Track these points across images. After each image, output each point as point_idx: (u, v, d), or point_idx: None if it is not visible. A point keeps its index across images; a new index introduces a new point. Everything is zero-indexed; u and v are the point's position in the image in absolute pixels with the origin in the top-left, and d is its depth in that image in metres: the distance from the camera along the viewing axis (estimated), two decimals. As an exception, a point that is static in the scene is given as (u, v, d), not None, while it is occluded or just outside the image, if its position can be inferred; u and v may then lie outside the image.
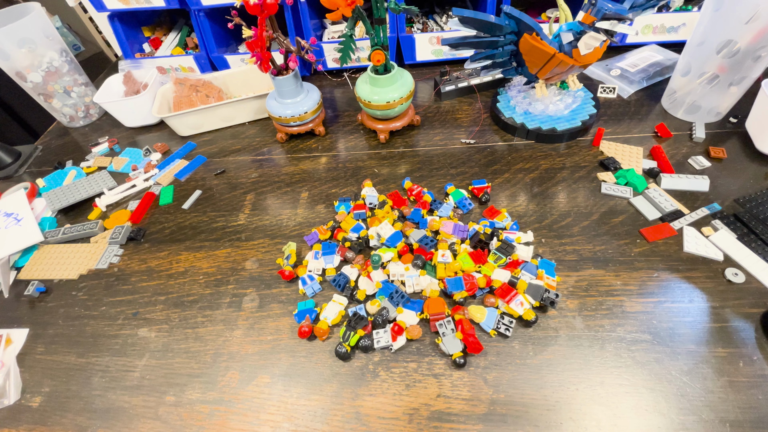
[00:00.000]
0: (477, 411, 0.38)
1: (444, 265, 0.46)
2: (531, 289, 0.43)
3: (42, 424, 0.42)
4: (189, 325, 0.47)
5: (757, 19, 0.47)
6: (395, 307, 0.44)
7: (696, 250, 0.46)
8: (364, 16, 0.52)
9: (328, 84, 0.83)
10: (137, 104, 0.74)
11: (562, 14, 0.54)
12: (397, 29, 0.78)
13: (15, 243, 0.58)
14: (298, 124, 0.65)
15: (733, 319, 0.41)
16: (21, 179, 0.73)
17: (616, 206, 0.52)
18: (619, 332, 0.41)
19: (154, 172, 0.68)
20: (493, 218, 0.52)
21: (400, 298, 0.45)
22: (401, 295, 0.45)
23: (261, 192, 0.62)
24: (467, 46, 0.57)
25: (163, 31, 0.95)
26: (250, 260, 0.53)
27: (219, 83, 0.77)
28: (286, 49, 0.59)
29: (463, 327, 0.41)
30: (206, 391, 0.42)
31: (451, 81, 0.72)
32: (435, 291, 0.44)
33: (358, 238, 0.51)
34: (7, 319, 0.51)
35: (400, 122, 0.64)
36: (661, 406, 0.36)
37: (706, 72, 0.55)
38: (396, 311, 0.44)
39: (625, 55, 0.74)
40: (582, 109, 0.62)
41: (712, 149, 0.56)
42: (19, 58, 0.70)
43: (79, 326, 0.49)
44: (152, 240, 0.58)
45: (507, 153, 0.61)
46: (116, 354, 0.46)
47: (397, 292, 0.45)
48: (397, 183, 0.59)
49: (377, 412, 0.39)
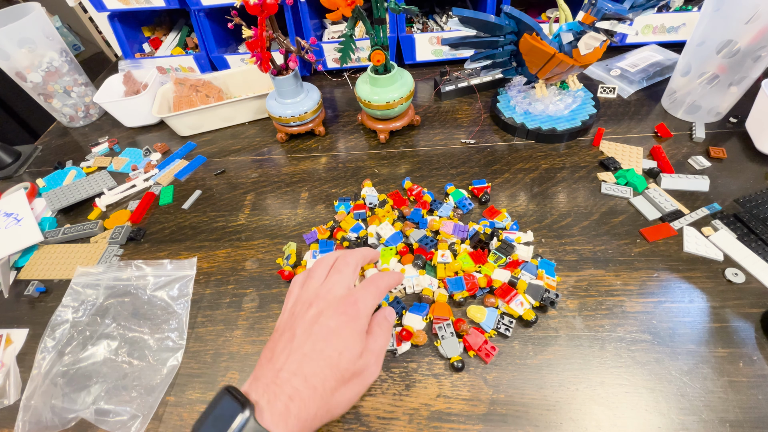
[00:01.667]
0: (477, 411, 0.38)
1: (444, 265, 0.46)
2: (531, 289, 0.43)
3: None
4: (189, 324, 0.47)
5: (757, 19, 0.47)
6: (397, 313, 0.44)
7: (696, 250, 0.46)
8: (364, 16, 0.52)
9: (328, 84, 0.83)
10: (137, 104, 0.74)
11: (562, 14, 0.54)
12: (397, 29, 0.78)
13: (15, 243, 0.58)
14: (298, 124, 0.66)
15: (733, 319, 0.41)
16: (21, 179, 0.73)
17: (616, 206, 0.52)
18: (619, 332, 0.41)
19: (154, 172, 0.68)
20: (493, 218, 0.52)
21: (401, 309, 0.44)
22: (402, 307, 0.45)
23: (261, 192, 0.62)
24: (467, 46, 0.57)
25: (163, 31, 0.95)
26: (250, 260, 0.53)
27: (219, 83, 0.77)
28: (286, 49, 0.59)
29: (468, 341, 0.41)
30: (206, 391, 0.42)
31: (451, 81, 0.72)
32: (443, 296, 0.44)
33: (357, 238, 0.51)
34: (7, 319, 0.51)
35: (400, 122, 0.64)
36: (661, 406, 0.36)
37: (706, 72, 0.55)
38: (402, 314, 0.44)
39: (625, 55, 0.74)
40: (582, 109, 0.62)
41: (712, 149, 0.56)
42: (19, 58, 0.70)
43: (79, 326, 0.49)
44: (152, 240, 0.58)
45: (507, 153, 0.61)
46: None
47: (399, 302, 0.45)
48: (397, 183, 0.59)
49: (377, 412, 0.39)
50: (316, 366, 0.29)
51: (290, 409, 0.27)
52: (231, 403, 0.27)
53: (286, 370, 0.29)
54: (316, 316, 0.32)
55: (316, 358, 0.30)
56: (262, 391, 0.28)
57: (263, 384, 0.29)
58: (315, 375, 0.29)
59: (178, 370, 0.44)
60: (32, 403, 0.42)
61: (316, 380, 0.29)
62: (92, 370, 0.44)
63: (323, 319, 0.31)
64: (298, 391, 0.28)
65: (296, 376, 0.29)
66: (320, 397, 0.29)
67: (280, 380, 0.29)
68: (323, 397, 0.29)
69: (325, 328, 0.31)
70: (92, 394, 0.42)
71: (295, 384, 0.28)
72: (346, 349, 0.30)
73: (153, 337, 0.46)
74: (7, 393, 0.44)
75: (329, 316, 0.32)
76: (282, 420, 0.27)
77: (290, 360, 0.30)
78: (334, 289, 0.34)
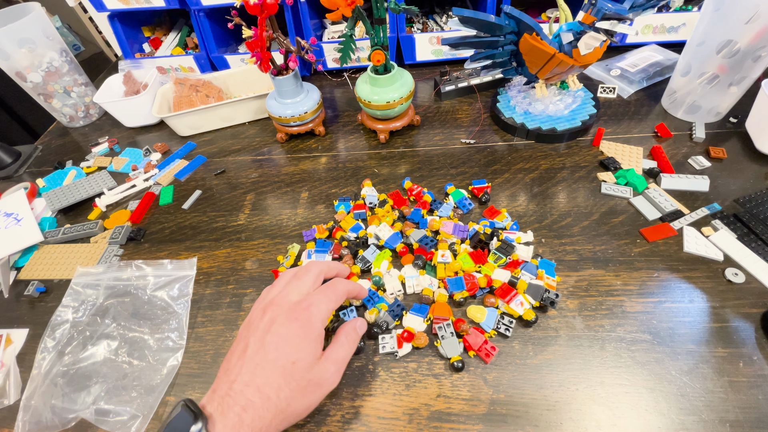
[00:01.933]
0: (477, 411, 0.38)
1: (444, 265, 0.46)
2: (531, 289, 0.43)
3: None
4: (189, 325, 0.47)
5: (757, 19, 0.47)
6: (394, 319, 0.44)
7: (696, 250, 0.46)
8: (364, 16, 0.52)
9: (328, 84, 0.83)
10: (137, 104, 0.74)
11: (562, 14, 0.54)
12: (397, 29, 0.78)
13: (15, 243, 0.58)
14: (298, 124, 0.66)
15: (733, 319, 0.41)
16: (21, 179, 0.73)
17: (616, 206, 0.52)
18: (619, 332, 0.41)
19: (154, 172, 0.68)
20: (493, 218, 0.52)
21: (400, 310, 0.44)
22: (402, 308, 0.44)
23: (261, 192, 0.62)
24: (467, 46, 0.57)
25: (163, 31, 0.95)
26: (250, 260, 0.53)
27: (219, 83, 0.77)
28: (286, 49, 0.59)
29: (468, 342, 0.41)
30: (206, 392, 0.42)
31: (451, 81, 0.72)
32: (443, 296, 0.44)
33: (357, 237, 0.51)
34: (7, 319, 0.51)
35: (400, 122, 0.64)
36: (661, 406, 0.36)
37: (706, 72, 0.55)
38: (403, 314, 0.44)
39: (625, 55, 0.74)
40: (582, 109, 0.62)
41: (712, 149, 0.56)
42: (19, 58, 0.70)
43: (79, 326, 0.49)
44: (152, 240, 0.58)
45: (507, 153, 0.61)
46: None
47: (399, 305, 0.45)
48: (397, 183, 0.59)
49: (377, 412, 0.39)
50: (269, 375, 0.30)
51: (243, 420, 0.28)
52: (185, 415, 0.27)
53: (240, 381, 0.30)
54: (269, 324, 0.32)
55: (268, 368, 0.30)
56: (217, 403, 0.29)
57: (218, 396, 0.29)
58: (268, 385, 0.29)
59: (178, 370, 0.44)
60: (32, 403, 0.42)
61: (269, 390, 0.29)
62: (92, 370, 0.44)
63: (275, 327, 0.32)
64: (251, 401, 0.29)
65: (249, 387, 0.29)
66: (275, 405, 0.29)
67: (233, 392, 0.29)
68: (278, 406, 0.29)
69: (276, 337, 0.31)
70: (92, 394, 0.42)
71: (248, 395, 0.29)
72: (300, 358, 0.31)
73: (153, 337, 0.46)
74: (7, 393, 0.44)
75: (281, 323, 0.32)
76: (235, 430, 0.27)
77: (243, 371, 0.30)
78: (290, 295, 0.34)
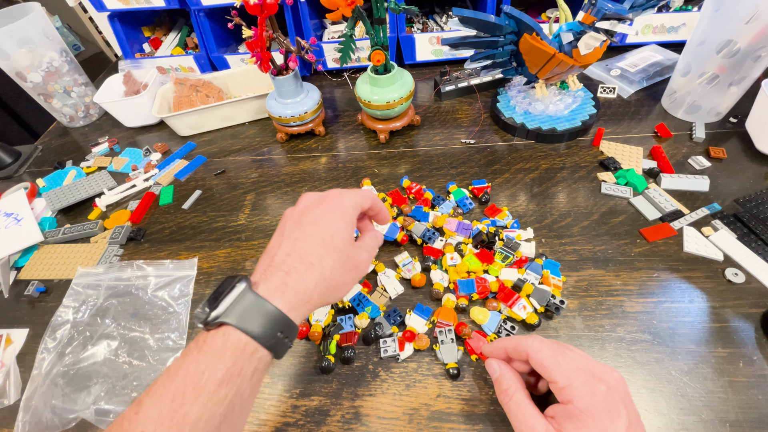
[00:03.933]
0: (477, 411, 0.38)
1: (455, 267, 0.46)
2: (537, 294, 0.43)
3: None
4: (189, 324, 0.47)
5: (757, 19, 0.47)
6: (391, 325, 0.44)
7: (696, 250, 0.46)
8: (364, 16, 0.52)
9: (328, 84, 0.83)
10: (137, 104, 0.74)
11: (562, 14, 0.54)
12: (397, 29, 0.78)
13: (15, 243, 0.58)
14: (298, 124, 0.66)
15: (733, 319, 0.41)
16: (21, 179, 0.73)
17: (616, 206, 0.52)
18: (619, 332, 0.41)
19: (154, 172, 0.68)
20: (494, 216, 0.52)
21: (397, 317, 0.44)
22: (399, 315, 0.44)
23: (261, 192, 0.62)
24: (467, 46, 0.57)
25: (163, 31, 0.95)
26: (250, 260, 0.53)
27: (219, 83, 0.77)
28: (286, 49, 0.59)
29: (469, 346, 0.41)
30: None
31: (451, 81, 0.72)
32: (451, 301, 0.44)
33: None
34: (7, 319, 0.51)
35: (400, 122, 0.64)
36: (661, 406, 0.36)
37: (706, 72, 0.55)
38: (406, 314, 0.44)
39: (625, 55, 0.74)
40: (582, 109, 0.62)
41: (712, 149, 0.56)
42: (19, 58, 0.70)
43: (79, 326, 0.49)
44: (152, 240, 0.58)
45: (507, 153, 0.61)
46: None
47: (395, 311, 0.45)
48: (397, 183, 0.59)
49: (377, 412, 0.39)
50: (310, 246, 0.30)
51: (287, 283, 0.28)
52: (230, 280, 0.28)
53: (281, 253, 0.30)
54: (304, 209, 0.33)
55: (309, 239, 0.31)
56: (260, 274, 0.29)
57: (261, 269, 0.30)
58: (310, 253, 0.30)
59: (178, 370, 0.44)
60: (32, 403, 0.42)
61: (312, 257, 0.30)
62: (92, 370, 0.44)
63: (310, 209, 0.33)
64: (294, 267, 0.29)
65: (290, 256, 0.30)
66: (318, 272, 0.29)
67: (276, 262, 0.30)
68: (321, 273, 0.29)
69: (312, 216, 0.32)
70: (92, 395, 0.42)
71: (291, 262, 0.29)
72: (337, 232, 0.31)
73: (153, 337, 0.46)
74: (7, 393, 0.44)
75: (315, 206, 0.33)
76: (279, 291, 0.28)
77: (283, 245, 0.31)
78: (318, 194, 0.35)
